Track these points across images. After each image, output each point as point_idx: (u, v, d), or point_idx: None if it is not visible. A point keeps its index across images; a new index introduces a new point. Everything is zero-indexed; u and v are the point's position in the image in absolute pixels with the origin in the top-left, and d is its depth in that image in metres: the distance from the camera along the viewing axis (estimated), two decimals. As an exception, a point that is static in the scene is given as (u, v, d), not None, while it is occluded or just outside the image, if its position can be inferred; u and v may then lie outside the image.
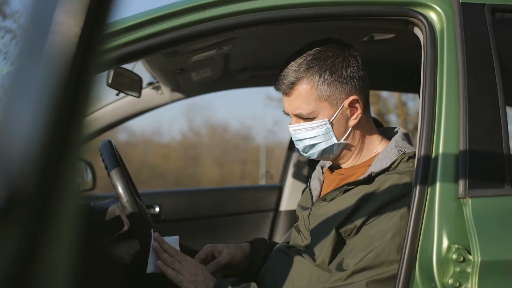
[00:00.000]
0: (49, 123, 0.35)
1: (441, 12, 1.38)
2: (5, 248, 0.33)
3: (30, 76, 0.37)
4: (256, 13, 1.39)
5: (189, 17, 1.37)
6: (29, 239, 0.34)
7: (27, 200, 0.34)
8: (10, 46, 2.21)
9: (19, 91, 0.37)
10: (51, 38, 0.37)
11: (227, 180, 14.40)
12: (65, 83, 0.36)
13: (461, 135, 1.29)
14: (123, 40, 1.34)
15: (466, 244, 1.22)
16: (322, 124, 1.47)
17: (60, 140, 0.36)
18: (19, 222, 0.34)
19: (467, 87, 1.31)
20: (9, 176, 0.35)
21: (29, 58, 0.38)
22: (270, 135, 18.88)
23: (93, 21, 0.38)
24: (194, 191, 3.50)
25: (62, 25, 0.37)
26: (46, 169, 0.35)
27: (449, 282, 1.21)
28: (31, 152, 0.35)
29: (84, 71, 0.37)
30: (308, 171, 2.98)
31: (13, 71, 0.37)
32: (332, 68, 1.47)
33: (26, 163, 0.34)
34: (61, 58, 0.37)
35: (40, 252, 0.34)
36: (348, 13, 1.42)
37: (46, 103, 0.35)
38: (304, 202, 1.65)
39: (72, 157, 0.37)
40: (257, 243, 1.76)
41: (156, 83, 2.57)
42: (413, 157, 1.41)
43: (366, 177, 1.42)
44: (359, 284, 1.29)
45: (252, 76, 2.68)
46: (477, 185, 1.26)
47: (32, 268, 0.34)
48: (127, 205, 1.48)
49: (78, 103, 0.36)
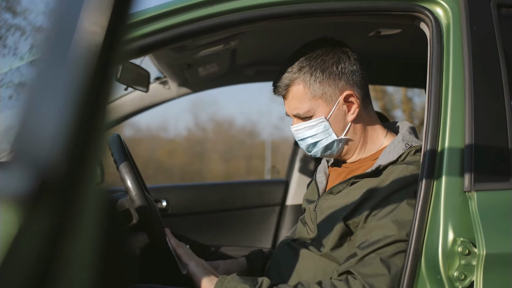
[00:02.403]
0: (75, 115, 0.37)
1: (448, 8, 1.39)
2: (37, 228, 0.35)
3: (57, 70, 0.39)
4: (264, 8, 1.40)
5: (197, 12, 1.38)
6: (58, 221, 0.36)
7: (57, 186, 0.36)
8: (20, 43, 2.24)
9: (48, 84, 0.39)
10: (76, 36, 0.38)
11: (232, 176, 14.42)
12: (90, 78, 0.38)
13: (467, 130, 1.29)
14: (131, 36, 1.35)
15: (472, 237, 1.23)
16: (320, 121, 1.49)
17: (85, 130, 0.37)
18: (49, 205, 0.36)
19: (473, 82, 1.32)
20: (40, 164, 0.37)
21: (55, 53, 0.39)
22: (276, 130, 18.89)
23: (116, 19, 0.40)
24: (200, 185, 3.51)
25: (87, 24, 0.39)
26: (73, 157, 0.37)
27: (454, 275, 1.22)
28: (60, 141, 0.37)
29: (107, 65, 0.39)
30: (314, 166, 2.99)
31: (42, 65, 0.39)
32: (322, 66, 1.49)
33: (55, 152, 0.36)
34: (86, 55, 0.38)
35: (67, 233, 0.36)
36: (355, 8, 1.43)
37: (73, 97, 0.37)
38: (310, 195, 1.66)
39: (95, 147, 0.39)
40: (253, 255, 1.79)
41: (163, 78, 2.58)
42: (420, 150, 1.42)
43: (373, 169, 1.43)
44: (373, 260, 1.30)
45: (259, 71, 2.68)
46: (483, 179, 1.27)
47: (61, 248, 0.36)
48: (136, 198, 1.50)
49: (101, 96, 0.38)
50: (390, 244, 1.30)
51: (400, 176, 1.38)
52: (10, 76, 1.68)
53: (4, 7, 3.64)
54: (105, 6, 0.39)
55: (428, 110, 1.34)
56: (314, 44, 1.55)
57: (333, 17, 1.49)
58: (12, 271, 0.35)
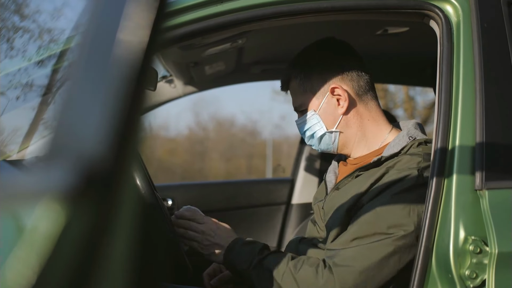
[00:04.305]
0: (117, 110, 0.38)
1: (457, 5, 1.38)
2: (81, 224, 0.35)
3: (100, 66, 0.39)
4: (273, 6, 1.40)
5: (207, 10, 1.38)
6: (101, 217, 0.36)
7: (99, 182, 0.37)
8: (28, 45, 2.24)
9: (92, 80, 0.39)
10: (116, 41, 0.39)
11: (233, 175, 14.44)
12: (128, 83, 0.38)
13: (477, 128, 1.29)
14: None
15: (483, 236, 1.23)
16: (311, 115, 1.56)
17: (127, 125, 0.38)
18: (93, 201, 0.36)
19: (484, 80, 1.31)
20: (84, 161, 0.37)
21: (97, 51, 0.40)
22: (277, 129, 18.91)
23: (155, 24, 0.41)
24: (206, 184, 3.51)
25: (127, 34, 0.39)
26: (116, 153, 0.37)
27: (465, 274, 1.21)
28: (103, 137, 0.37)
29: (144, 70, 0.39)
30: (320, 165, 2.99)
31: (84, 61, 0.40)
32: (311, 61, 1.58)
33: (99, 147, 0.37)
34: (125, 63, 0.39)
35: (109, 229, 0.36)
36: (364, 6, 1.43)
37: (113, 101, 0.38)
38: (319, 195, 1.67)
39: (133, 146, 0.39)
40: None
41: (169, 76, 2.58)
42: (423, 143, 1.45)
43: (376, 160, 1.45)
44: (348, 251, 1.33)
45: (265, 69, 2.68)
46: (494, 177, 1.26)
47: (102, 244, 0.36)
48: (145, 196, 1.50)
49: (138, 99, 0.39)
50: (370, 236, 1.32)
51: (404, 165, 1.39)
52: (18, 77, 1.68)
53: (12, 10, 3.65)
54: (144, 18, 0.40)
55: (439, 108, 1.33)
56: (315, 43, 1.63)
57: (343, 14, 1.49)
58: (55, 269, 0.35)
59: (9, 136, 1.66)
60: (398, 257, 1.30)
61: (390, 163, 1.42)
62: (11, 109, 1.68)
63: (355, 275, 1.30)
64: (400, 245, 1.30)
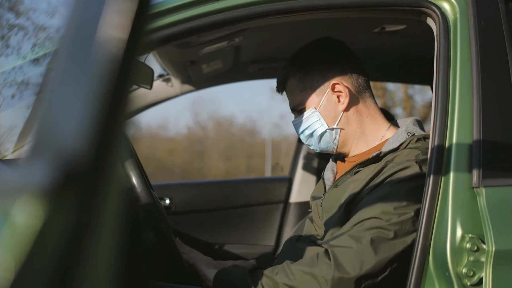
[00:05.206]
0: (98, 106, 0.37)
1: (454, 2, 1.38)
2: (62, 221, 0.35)
3: (81, 62, 0.39)
4: (269, 3, 1.40)
5: (203, 8, 1.38)
6: (82, 214, 0.35)
7: (80, 178, 0.36)
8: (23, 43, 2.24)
9: (72, 75, 0.39)
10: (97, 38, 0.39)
11: (233, 174, 14.43)
12: (113, 68, 0.38)
13: (474, 125, 1.29)
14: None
15: (480, 234, 1.22)
16: (311, 112, 1.55)
17: (108, 121, 0.37)
18: (74, 197, 0.35)
19: (481, 77, 1.31)
20: (64, 155, 0.36)
21: (78, 46, 0.39)
22: (276, 129, 18.88)
23: (136, 21, 0.40)
24: (204, 183, 3.50)
25: (108, 27, 0.39)
26: (98, 149, 0.37)
27: (463, 271, 1.21)
28: (84, 133, 0.37)
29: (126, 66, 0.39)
30: (318, 163, 2.98)
31: (64, 58, 0.39)
32: (310, 60, 1.58)
33: (80, 143, 0.36)
34: (107, 57, 0.38)
35: (91, 226, 0.36)
36: (361, 3, 1.42)
37: (94, 98, 0.38)
38: (317, 192, 1.67)
39: (115, 142, 0.39)
40: (264, 257, 1.83)
41: (166, 75, 2.57)
42: (422, 139, 1.45)
43: (374, 156, 1.46)
44: (343, 235, 1.33)
45: (262, 68, 2.68)
46: (491, 175, 1.26)
47: (84, 242, 0.35)
48: (141, 195, 1.49)
49: (124, 86, 0.38)
50: (367, 219, 1.32)
51: (402, 159, 1.40)
52: (13, 75, 1.68)
53: (6, 7, 3.64)
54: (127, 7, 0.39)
55: (436, 105, 1.33)
56: (313, 42, 1.64)
57: (340, 12, 1.49)
58: (36, 265, 0.35)
59: (5, 135, 1.65)
60: (395, 242, 1.30)
61: (389, 157, 1.43)
62: (6, 108, 1.67)
63: (351, 255, 1.29)
64: (397, 230, 1.30)
